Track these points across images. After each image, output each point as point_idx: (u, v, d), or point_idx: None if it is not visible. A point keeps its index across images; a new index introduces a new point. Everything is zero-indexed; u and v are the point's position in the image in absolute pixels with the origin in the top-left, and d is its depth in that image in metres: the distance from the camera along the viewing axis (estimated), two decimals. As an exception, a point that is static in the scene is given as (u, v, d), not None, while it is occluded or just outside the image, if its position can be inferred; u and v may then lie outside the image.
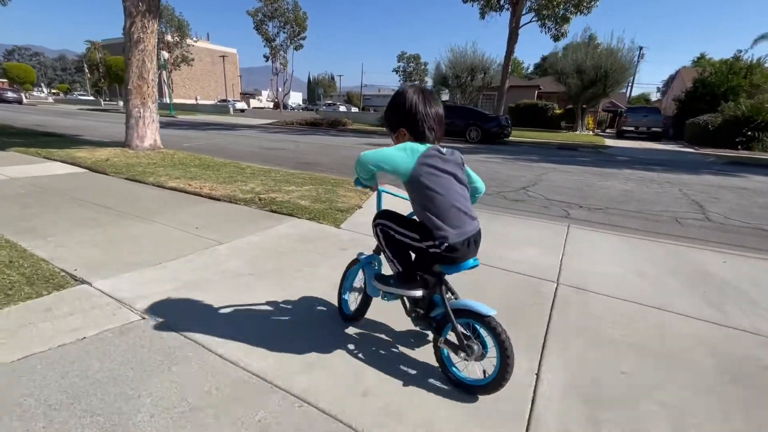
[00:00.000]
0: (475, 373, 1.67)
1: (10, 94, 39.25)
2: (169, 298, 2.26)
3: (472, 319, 1.64)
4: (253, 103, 67.95)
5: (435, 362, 1.77)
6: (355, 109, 50.39)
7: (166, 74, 36.72)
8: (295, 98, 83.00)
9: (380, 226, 1.77)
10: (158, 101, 7.72)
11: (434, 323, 1.74)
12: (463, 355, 1.62)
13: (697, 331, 2.23)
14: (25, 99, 42.94)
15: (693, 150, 16.96)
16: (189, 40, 44.19)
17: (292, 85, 49.41)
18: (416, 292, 1.72)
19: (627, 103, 37.23)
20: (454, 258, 1.60)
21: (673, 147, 18.41)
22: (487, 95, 28.37)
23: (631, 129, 23.16)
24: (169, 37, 41.57)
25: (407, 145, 1.58)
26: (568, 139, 19.28)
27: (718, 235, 4.69)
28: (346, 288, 2.21)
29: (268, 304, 2.28)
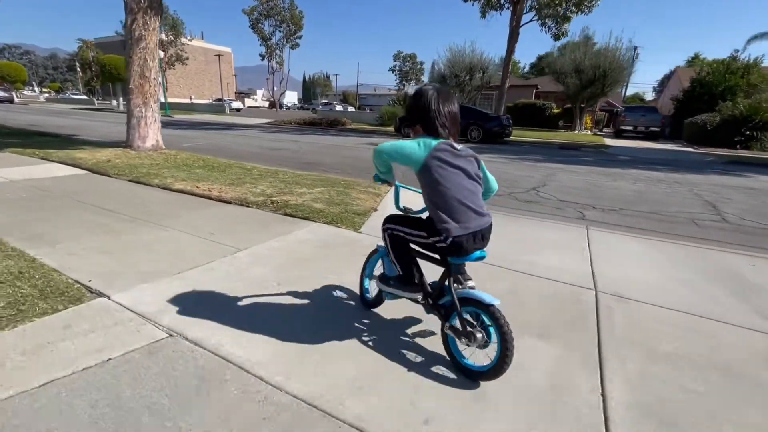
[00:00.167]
0: (480, 360, 1.73)
1: (1, 93, 38.64)
2: (195, 311, 2.11)
3: (477, 307, 1.70)
4: (248, 103, 67.43)
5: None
6: (352, 109, 50.06)
7: (161, 73, 36.26)
8: (291, 97, 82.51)
9: (388, 231, 1.88)
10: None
11: (443, 310, 1.82)
12: (465, 341, 1.69)
13: (754, 343, 2.13)
14: (16, 98, 42.26)
15: (692, 149, 16.98)
16: (183, 39, 43.66)
17: (287, 85, 49.04)
18: (414, 295, 1.88)
19: (622, 103, 37.35)
20: (461, 250, 1.67)
21: (672, 146, 18.42)
22: (485, 94, 28.28)
23: (630, 128, 23.17)
24: (163, 36, 41.06)
25: (422, 139, 1.69)
26: (568, 139, 19.24)
27: (738, 237, 4.61)
28: (367, 275, 2.32)
29: (301, 317, 2.14)
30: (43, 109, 30.31)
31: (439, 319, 1.86)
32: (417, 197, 1.87)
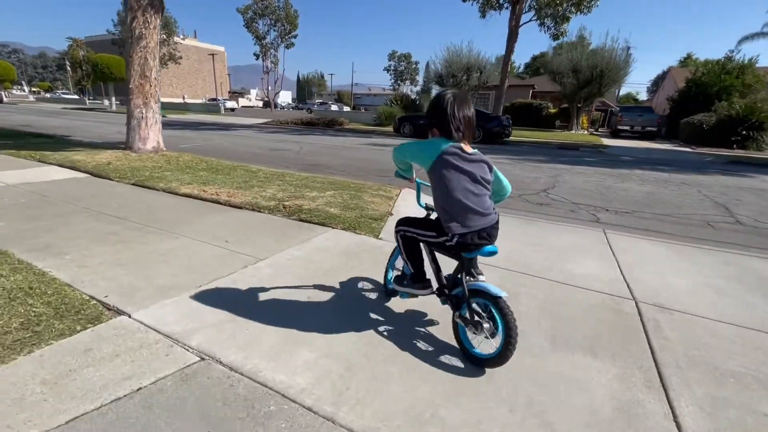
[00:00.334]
0: (486, 349, 1.81)
1: (-11, 93, 37.80)
2: (223, 330, 1.96)
3: (486, 299, 1.79)
4: (242, 102, 66.72)
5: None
6: (347, 108, 49.87)
7: (154, 72, 35.70)
8: (285, 97, 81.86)
9: (401, 232, 2.04)
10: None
11: (455, 300, 1.93)
12: (473, 329, 1.81)
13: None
14: (5, 98, 41.41)
15: (690, 149, 17.05)
16: (176, 38, 43.10)
17: (282, 84, 48.67)
18: (424, 292, 2.03)
19: (616, 103, 37.57)
20: (468, 247, 1.79)
21: (669, 146, 18.50)
22: (482, 94, 28.27)
23: (627, 128, 23.25)
24: (156, 35, 40.41)
25: (434, 140, 1.82)
26: (567, 139, 19.25)
27: (755, 240, 4.56)
28: (390, 267, 2.44)
29: (338, 335, 2.00)
30: (34, 109, 29.71)
31: (451, 309, 1.96)
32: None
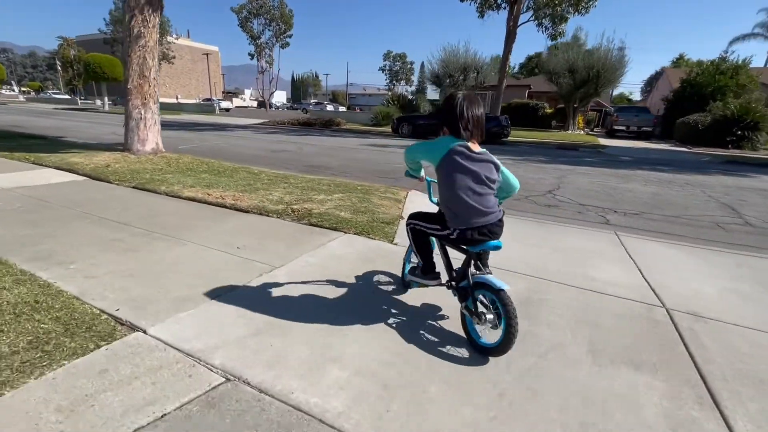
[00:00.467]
0: (491, 339, 1.90)
1: (-22, 93, 37.11)
2: (247, 346, 1.84)
3: (490, 291, 1.86)
4: (236, 102, 66.18)
5: None
6: (343, 108, 49.64)
7: (148, 72, 35.26)
8: (279, 97, 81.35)
9: (411, 225, 2.16)
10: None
11: (461, 292, 2.02)
12: (477, 320, 1.90)
13: None
14: (-6, 97, 40.69)
15: (686, 149, 17.14)
16: (169, 37, 42.63)
17: (277, 84, 48.37)
18: (432, 283, 2.15)
19: (610, 103, 37.77)
20: (470, 241, 1.89)
21: (666, 146, 18.58)
22: (479, 94, 28.17)
23: (623, 128, 23.36)
24: (149, 34, 39.93)
25: (443, 138, 1.90)
26: (564, 139, 19.27)
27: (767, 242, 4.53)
28: (407, 260, 2.57)
29: (369, 350, 1.89)
30: (24, 109, 29.18)
31: (459, 301, 2.05)
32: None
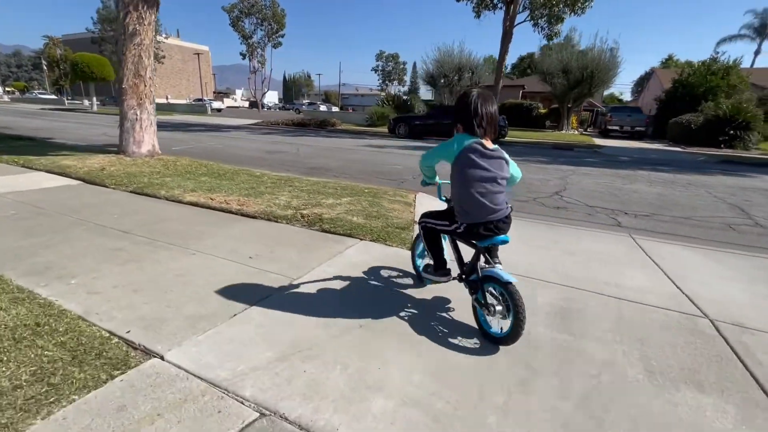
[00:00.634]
0: (501, 328, 1.98)
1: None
2: (278, 373, 1.66)
3: (498, 284, 1.92)
4: (228, 102, 65.48)
5: None
6: (336, 109, 49.37)
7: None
8: (271, 97, 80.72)
9: (423, 223, 2.26)
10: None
11: (472, 285, 2.09)
12: (486, 311, 1.98)
13: None
14: (-23, 98, 39.63)
15: (680, 149, 17.27)
16: (159, 37, 41.93)
17: (269, 84, 47.92)
18: (444, 279, 2.26)
19: (602, 103, 38.09)
20: (477, 236, 1.96)
21: (659, 146, 18.71)
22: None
23: (616, 128, 23.53)
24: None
25: (458, 136, 1.93)
26: (559, 139, 19.31)
27: (782, 243, 4.48)
28: (419, 256, 2.71)
29: (411, 375, 1.72)
30: (10, 110, 28.40)
31: (469, 294, 2.11)
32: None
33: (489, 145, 1.90)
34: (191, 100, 50.23)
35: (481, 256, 2.04)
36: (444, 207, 2.32)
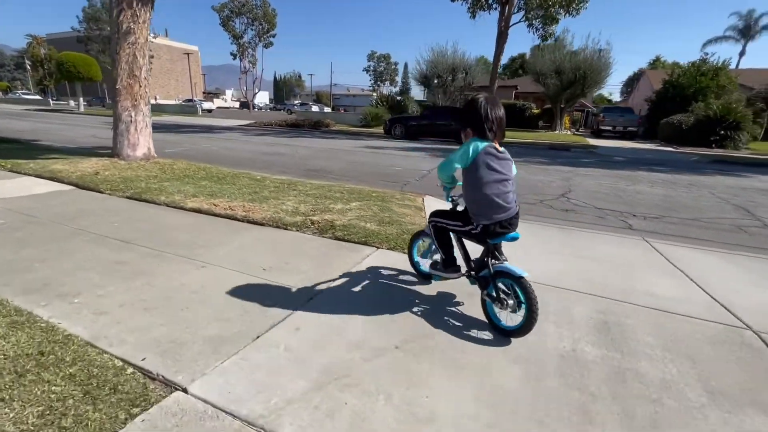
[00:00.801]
0: (511, 322, 2.02)
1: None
2: (317, 405, 1.50)
3: (510, 279, 1.99)
4: (218, 103, 64.65)
5: None
6: (328, 109, 49.09)
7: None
8: (262, 97, 79.95)
9: (433, 222, 2.30)
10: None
11: (482, 281, 2.13)
12: (498, 306, 2.03)
13: None
14: (-43, 98, 38.45)
15: (673, 149, 17.45)
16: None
17: (260, 85, 47.44)
18: (454, 276, 2.30)
19: (592, 104, 38.47)
20: (491, 235, 2.01)
21: (652, 146, 18.89)
22: (468, 95, 28.26)
23: (609, 128, 23.74)
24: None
25: (472, 141, 1.96)
26: (553, 139, 19.39)
27: (794, 245, 4.45)
28: (416, 255, 2.75)
29: (463, 406, 1.57)
30: (-9, 111, 27.57)
31: (479, 289, 2.17)
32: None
33: (499, 147, 2.00)
34: (181, 101, 49.46)
35: (489, 252, 2.11)
36: (449, 207, 2.40)
